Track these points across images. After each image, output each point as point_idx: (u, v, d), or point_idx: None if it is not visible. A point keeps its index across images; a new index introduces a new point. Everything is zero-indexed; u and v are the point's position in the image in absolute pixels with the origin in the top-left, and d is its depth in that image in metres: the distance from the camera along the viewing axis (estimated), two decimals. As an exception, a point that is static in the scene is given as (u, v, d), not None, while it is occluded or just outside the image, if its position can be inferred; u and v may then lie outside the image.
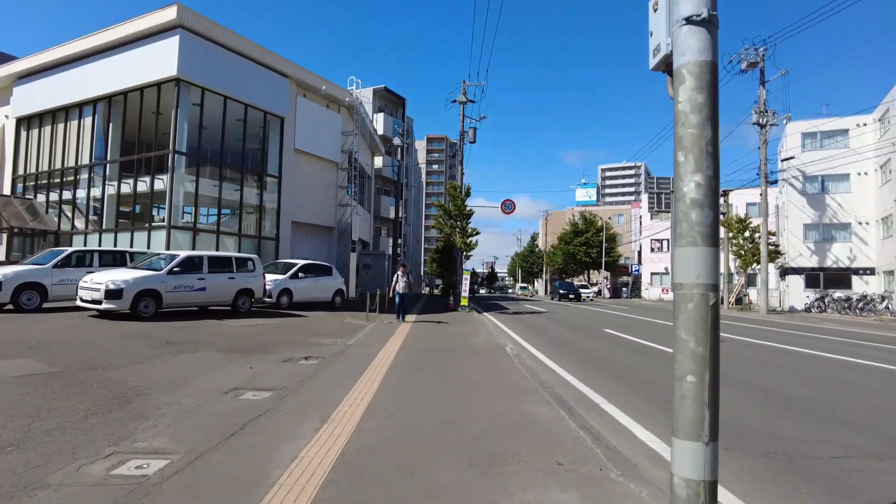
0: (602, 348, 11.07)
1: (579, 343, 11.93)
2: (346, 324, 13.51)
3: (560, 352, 10.44)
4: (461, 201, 21.33)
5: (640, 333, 14.16)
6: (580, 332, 14.38)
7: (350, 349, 9.11)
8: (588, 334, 13.93)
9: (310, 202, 21.52)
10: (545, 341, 12.05)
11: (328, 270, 17.08)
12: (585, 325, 17.08)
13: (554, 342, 11.97)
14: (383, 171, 34.35)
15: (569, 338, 13.02)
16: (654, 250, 56.03)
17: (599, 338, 13.11)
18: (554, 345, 11.50)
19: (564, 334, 13.90)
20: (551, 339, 12.51)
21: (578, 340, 12.47)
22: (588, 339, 12.83)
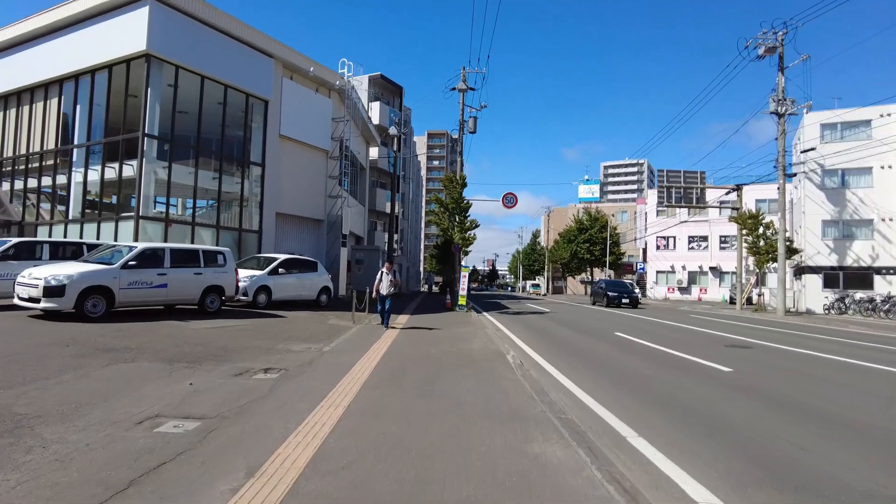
0: (616, 356, 9.76)
1: (589, 349, 10.61)
2: (329, 325, 12.21)
3: (569, 360, 9.13)
4: (458, 193, 19.99)
5: (655, 338, 12.85)
6: (588, 336, 13.07)
7: (323, 358, 7.80)
8: (598, 338, 12.62)
9: (297, 192, 20.20)
10: (551, 347, 10.74)
11: (313, 266, 15.77)
12: (593, 327, 15.77)
13: (560, 348, 10.66)
14: (379, 163, 32.98)
15: (576, 342, 11.71)
16: (661, 248, 54.69)
17: (611, 343, 11.80)
18: (561, 351, 10.19)
19: (571, 338, 12.59)
20: (557, 344, 11.20)
21: (588, 346, 11.15)
22: (598, 344, 11.52)
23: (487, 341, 10.65)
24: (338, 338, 10.24)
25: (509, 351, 9.31)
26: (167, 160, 15.42)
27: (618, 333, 13.87)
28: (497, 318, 17.99)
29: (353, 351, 8.58)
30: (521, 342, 11.32)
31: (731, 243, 52.06)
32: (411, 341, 10.15)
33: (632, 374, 8.01)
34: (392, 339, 10.31)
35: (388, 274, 11.41)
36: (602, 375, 7.79)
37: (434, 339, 10.70)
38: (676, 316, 22.12)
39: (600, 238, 54.76)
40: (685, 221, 49.97)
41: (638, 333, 14.02)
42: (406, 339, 10.50)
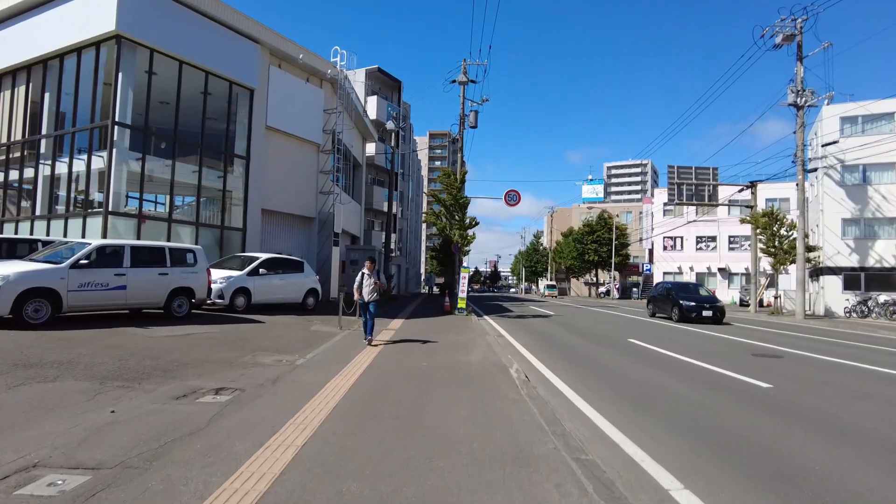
0: (633, 368, 8.58)
1: (603, 360, 9.42)
2: (311, 332, 11.05)
3: (579, 373, 7.96)
4: (456, 189, 18.83)
5: (672, 345, 11.66)
6: (600, 344, 11.89)
7: (293, 374, 6.64)
8: (610, 346, 11.43)
9: (285, 188, 19.07)
10: (559, 357, 9.56)
11: (298, 266, 14.62)
12: (603, 332, 14.58)
13: (570, 358, 9.48)
14: (376, 160, 31.84)
15: (588, 351, 10.52)
16: (668, 248, 53.48)
17: (624, 351, 10.61)
18: (571, 362, 9.02)
19: (581, 346, 11.40)
20: (566, 354, 10.02)
21: (601, 356, 9.97)
22: (612, 353, 10.33)
23: (488, 350, 9.47)
24: (318, 347, 9.08)
25: (512, 363, 8.14)
26: (141, 151, 14.28)
27: (631, 340, 12.70)
28: (499, 322, 16.81)
29: (331, 364, 7.42)
30: (525, 351, 10.13)
31: (740, 244, 50.85)
32: (402, 351, 8.98)
33: (657, 391, 6.83)
34: (379, 348, 9.15)
35: (370, 275, 9.17)
36: (621, 394, 6.61)
37: (428, 348, 9.53)
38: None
39: (607, 239, 53.56)
40: (694, 221, 48.76)
41: (651, 339, 12.84)
42: (396, 348, 9.33)
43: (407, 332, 12.04)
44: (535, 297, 55.08)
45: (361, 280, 9.19)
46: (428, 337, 11.27)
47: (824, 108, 25.86)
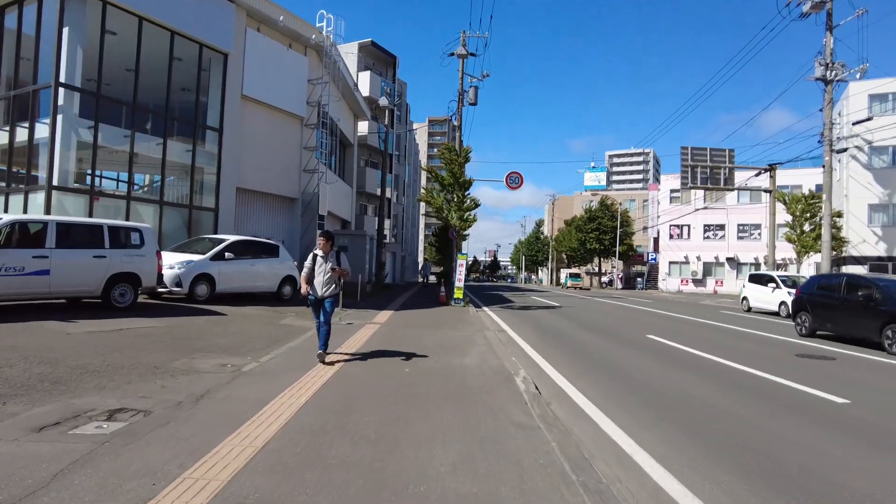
0: (666, 375, 7.04)
1: (626, 363, 7.89)
2: (279, 327, 9.50)
3: (602, 381, 6.43)
4: (458, 166, 17.18)
5: (700, 343, 10.14)
6: (617, 341, 10.36)
7: (230, 386, 5.09)
8: (630, 345, 9.90)
9: (264, 165, 17.42)
10: (575, 359, 8.02)
11: (273, 250, 13.03)
12: (617, 327, 13.06)
13: (588, 361, 7.94)
14: (369, 139, 30.08)
15: (606, 351, 8.98)
16: (674, 237, 51.94)
17: (648, 351, 9.08)
18: (586, 365, 7.49)
19: (597, 344, 9.87)
20: (582, 355, 8.48)
21: (621, 356, 8.43)
22: (632, 353, 8.80)
23: (488, 351, 7.94)
24: (280, 346, 7.53)
25: (518, 369, 6.60)
26: (93, 119, 12.61)
27: (651, 337, 11.19)
28: (499, 314, 15.28)
29: (288, 370, 5.87)
30: (532, 351, 8.59)
31: (750, 232, 49.35)
32: (382, 352, 7.44)
33: (706, 410, 5.30)
34: (355, 347, 7.60)
35: (325, 259, 6.19)
36: (663, 415, 5.07)
37: (414, 345, 7.99)
38: (705, 312, 19.42)
39: (610, 227, 51.95)
40: (704, 208, 47.20)
41: (674, 336, 11.34)
42: (376, 346, 7.79)
43: (393, 327, 10.50)
44: (535, 287, 53.57)
45: (313, 265, 6.17)
46: (417, 333, 9.73)
47: (851, 84, 24.21)
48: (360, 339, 8.50)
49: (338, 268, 6.23)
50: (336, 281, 6.30)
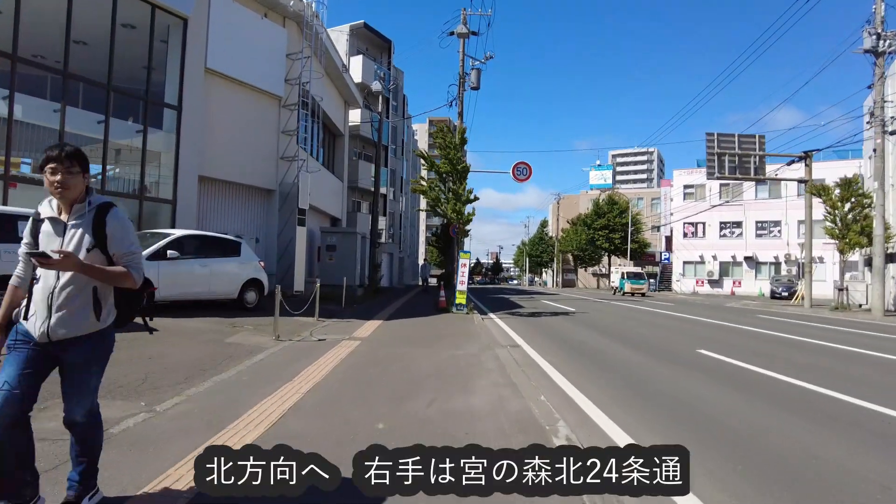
0: (771, 422, 4.64)
1: (701, 399, 5.52)
2: (224, 347, 7.20)
3: (698, 443, 4.01)
4: (455, 150, 14.87)
5: (766, 360, 7.81)
6: (666, 360, 8.00)
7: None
8: (685, 366, 7.56)
9: (234, 151, 15.14)
10: (627, 393, 5.65)
11: (232, 248, 10.72)
12: (653, 339, 10.71)
13: (649, 398, 5.55)
14: (361, 130, 27.82)
15: (661, 379, 6.59)
16: (688, 235, 49.59)
17: (716, 377, 6.70)
18: (660, 410, 5.08)
19: (643, 366, 7.50)
20: (634, 386, 6.09)
21: (690, 389, 6.05)
22: (699, 381, 6.43)
23: (503, 382, 5.61)
24: (202, 381, 5.23)
25: (555, 420, 4.25)
26: (7, 87, 10.32)
27: (704, 353, 8.87)
28: (509, 322, 12.95)
29: (171, 439, 3.54)
30: (562, 380, 6.23)
31: (769, 230, 46.92)
32: (350, 386, 5.13)
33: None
34: (317, 379, 5.28)
35: (62, 229, 2.30)
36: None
37: (398, 378, 5.67)
38: (740, 316, 17.08)
39: (620, 224, 49.57)
40: (724, 204, 44.91)
41: (728, 350, 9.05)
42: (344, 377, 5.48)
43: (377, 344, 8.17)
44: (541, 289, 51.11)
45: (33, 241, 2.34)
46: (407, 353, 7.40)
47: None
48: (323, 367, 6.17)
49: (98, 255, 2.33)
50: (98, 294, 2.33)
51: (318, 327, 9.78)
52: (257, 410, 4.23)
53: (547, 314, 16.05)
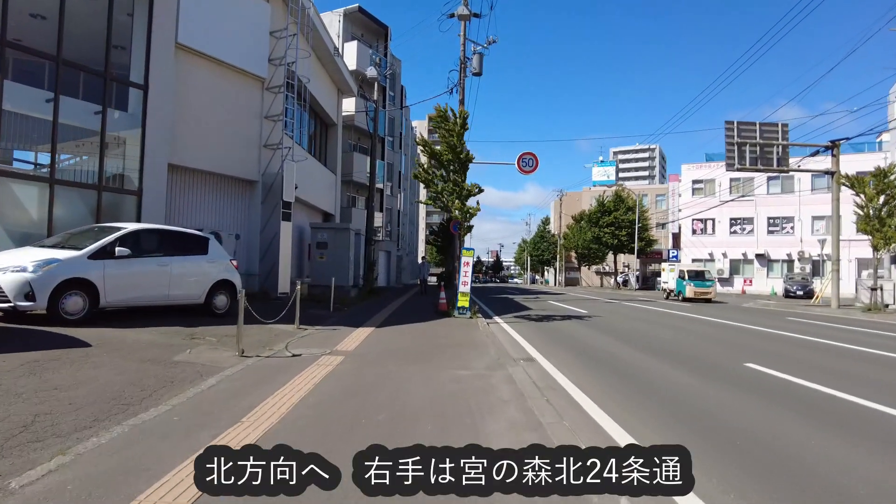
0: (874, 466, 3.18)
1: (772, 435, 4.02)
2: (169, 368, 5.75)
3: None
4: (456, 136, 13.39)
5: (827, 376, 6.33)
6: (716, 379, 6.54)
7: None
8: (740, 385, 6.11)
9: (211, 137, 13.67)
10: (685, 432, 4.15)
11: (197, 245, 9.23)
12: (689, 349, 9.25)
13: (711, 436, 4.06)
14: (356, 120, 26.31)
15: (722, 406, 5.10)
16: (697, 232, 48.20)
17: (782, 401, 5.21)
18: (750, 462, 3.62)
19: (685, 385, 6.04)
20: (686, 419, 4.58)
21: (749, 416, 4.55)
22: (757, 404, 4.93)
23: (526, 423, 4.15)
24: (112, 426, 3.77)
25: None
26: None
27: (751, 366, 7.48)
28: (519, 329, 11.48)
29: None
30: (597, 412, 4.76)
31: (781, 226, 45.44)
32: (312, 434, 3.67)
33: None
34: (269, 422, 3.82)
35: None
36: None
37: (383, 421, 4.21)
38: (766, 319, 15.63)
39: (627, 221, 48.05)
40: (737, 199, 43.49)
41: (779, 363, 7.71)
42: (308, 418, 4.03)
43: (362, 362, 6.71)
44: (544, 288, 49.60)
45: None
46: (398, 374, 5.93)
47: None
48: (286, 399, 4.71)
49: None
50: None
51: (296, 338, 8.32)
52: (161, 489, 2.78)
53: (558, 318, 14.59)
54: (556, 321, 13.70)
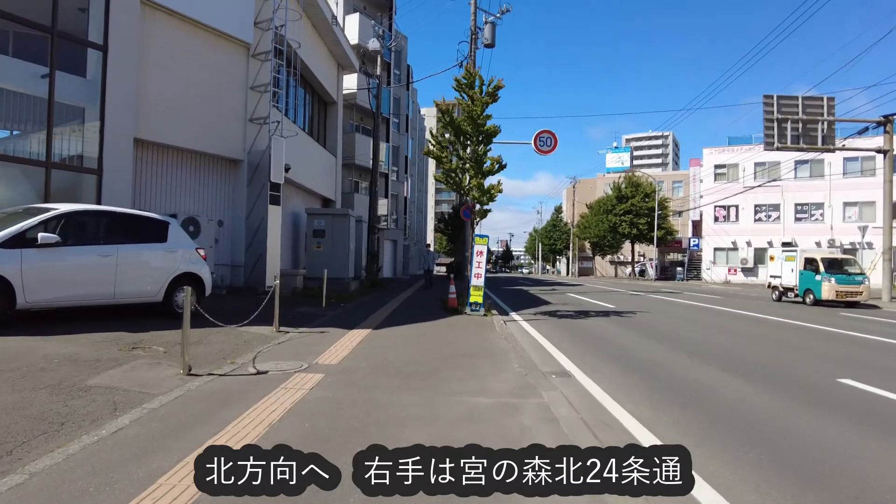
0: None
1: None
2: (77, 396, 4.11)
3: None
4: (481, 106, 11.55)
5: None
6: (819, 405, 4.79)
7: None
8: (852, 416, 4.35)
9: (187, 109, 12.02)
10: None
11: (154, 230, 7.59)
12: (761, 358, 7.48)
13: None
14: (358, 98, 24.55)
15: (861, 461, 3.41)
16: (720, 219, 45.98)
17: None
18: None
19: (805, 429, 4.32)
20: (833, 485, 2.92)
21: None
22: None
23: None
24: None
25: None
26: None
27: (847, 382, 5.78)
28: (543, 328, 9.76)
29: None
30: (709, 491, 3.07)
31: (809, 213, 43.09)
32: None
33: None
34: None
35: None
36: None
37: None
38: (815, 316, 13.79)
39: (645, 208, 46.01)
40: (766, 184, 41.32)
41: (885, 379, 5.89)
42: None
43: (342, 386, 5.03)
44: (556, 279, 47.75)
45: None
46: (386, 408, 4.21)
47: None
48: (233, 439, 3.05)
49: None
50: None
51: (271, 345, 6.70)
52: None
53: (584, 314, 12.86)
54: (582, 319, 11.98)
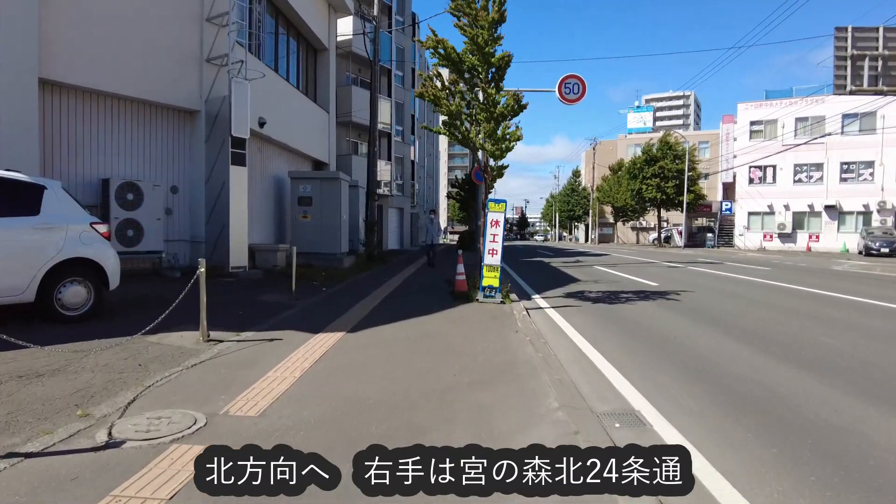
0: None
1: None
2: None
3: None
4: (486, 32, 8.90)
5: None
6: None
7: None
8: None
9: (120, 45, 9.55)
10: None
11: (18, 198, 5.25)
12: (881, 361, 4.98)
13: None
14: (354, 46, 21.68)
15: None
16: (755, 181, 42.69)
17: None
18: None
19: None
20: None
21: None
22: None
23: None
24: None
25: None
26: None
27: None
28: (577, 321, 7.32)
29: None
30: None
31: (858, 172, 39.49)
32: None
33: None
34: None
35: None
36: None
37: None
38: (884, 290, 11.17)
39: (674, 170, 42.83)
40: (803, 144, 37.91)
41: None
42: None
43: (238, 484, 2.66)
44: (575, 247, 45.06)
45: None
46: None
47: None
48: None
49: None
50: None
51: (175, 373, 4.40)
52: None
53: (624, 296, 10.38)
54: (624, 303, 9.53)
